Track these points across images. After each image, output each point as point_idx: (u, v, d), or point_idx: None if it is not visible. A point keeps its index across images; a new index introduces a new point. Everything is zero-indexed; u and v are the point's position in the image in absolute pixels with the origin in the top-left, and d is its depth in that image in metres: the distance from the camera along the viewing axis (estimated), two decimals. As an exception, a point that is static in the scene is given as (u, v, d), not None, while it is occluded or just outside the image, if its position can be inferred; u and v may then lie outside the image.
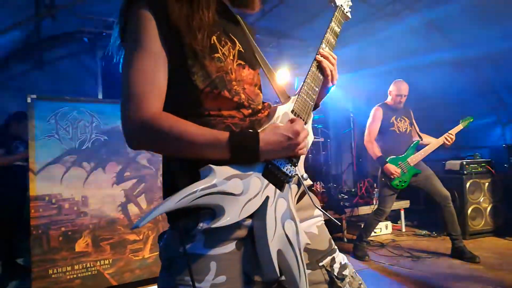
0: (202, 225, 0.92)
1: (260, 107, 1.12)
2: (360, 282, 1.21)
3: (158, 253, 1.07)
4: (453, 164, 4.99)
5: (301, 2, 5.21)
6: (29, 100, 3.06)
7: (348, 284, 1.17)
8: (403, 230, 5.37)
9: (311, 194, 1.14)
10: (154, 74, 0.97)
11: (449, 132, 3.92)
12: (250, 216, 0.95)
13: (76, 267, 3.17)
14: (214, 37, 1.04)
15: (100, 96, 4.93)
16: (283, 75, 5.94)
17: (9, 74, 5.01)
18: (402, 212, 5.40)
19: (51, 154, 3.15)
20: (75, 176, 3.24)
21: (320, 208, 1.17)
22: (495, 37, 4.81)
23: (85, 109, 3.32)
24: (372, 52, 6.34)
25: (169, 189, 1.01)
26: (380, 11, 5.22)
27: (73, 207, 3.21)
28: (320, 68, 1.20)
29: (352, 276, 1.20)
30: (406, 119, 4.15)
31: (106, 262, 3.30)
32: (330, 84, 1.24)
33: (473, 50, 5.20)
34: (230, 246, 0.97)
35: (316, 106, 1.27)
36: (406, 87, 4.13)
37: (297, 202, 1.11)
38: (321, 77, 1.20)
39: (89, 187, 3.29)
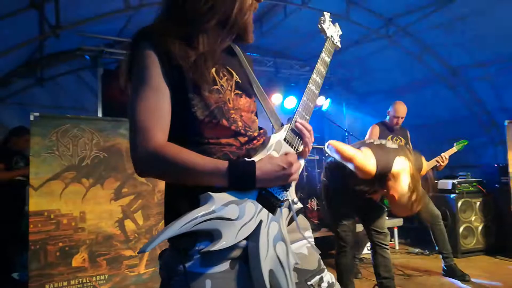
0: (200, 248, 1.00)
1: (255, 134, 1.21)
2: None
3: (153, 268, 1.15)
4: (445, 183, 5.08)
5: (298, 23, 5.36)
6: (32, 117, 3.14)
7: None
8: (397, 248, 5.43)
9: (301, 217, 1.22)
10: (158, 109, 1.07)
11: (443, 154, 3.98)
12: (245, 238, 1.03)
13: (72, 282, 3.20)
14: (213, 70, 1.14)
15: (99, 112, 5.02)
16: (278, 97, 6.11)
17: (10, 90, 5.09)
18: (396, 230, 5.46)
19: (51, 170, 3.21)
20: (74, 192, 3.29)
21: (304, 235, 1.25)
22: (487, 58, 4.94)
23: (85, 127, 3.40)
24: (368, 72, 6.48)
25: (171, 213, 1.10)
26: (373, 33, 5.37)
27: (71, 222, 3.25)
28: (311, 95, 1.28)
29: (338, 295, 1.28)
30: (402, 139, 4.23)
31: (102, 277, 3.34)
32: (306, 153, 1.26)
33: (466, 71, 5.33)
34: (224, 265, 1.04)
35: None
36: (404, 109, 4.19)
37: (289, 224, 1.19)
38: (312, 105, 1.28)
39: (88, 203, 3.34)
